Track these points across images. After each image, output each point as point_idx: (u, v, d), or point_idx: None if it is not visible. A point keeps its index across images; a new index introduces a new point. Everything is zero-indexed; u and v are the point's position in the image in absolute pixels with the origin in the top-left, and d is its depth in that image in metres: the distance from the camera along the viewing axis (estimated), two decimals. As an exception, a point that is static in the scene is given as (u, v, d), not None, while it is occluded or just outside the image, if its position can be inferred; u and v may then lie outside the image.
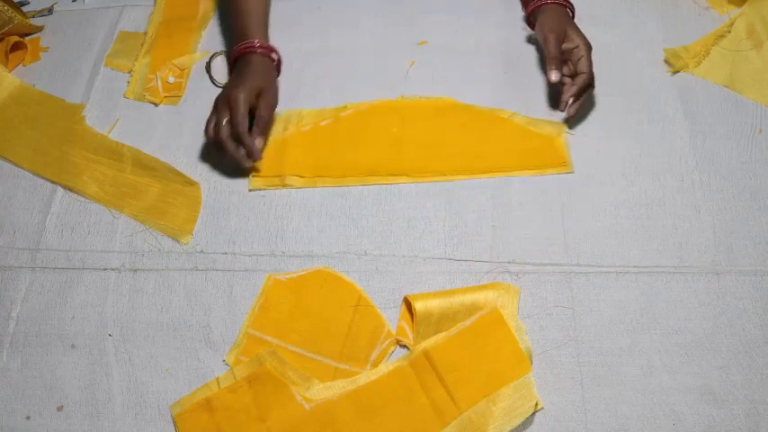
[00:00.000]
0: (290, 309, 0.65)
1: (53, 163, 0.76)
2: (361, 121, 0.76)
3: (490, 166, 0.72)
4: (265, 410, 0.59)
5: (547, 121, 0.74)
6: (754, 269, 0.65)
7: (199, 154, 0.75)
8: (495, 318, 0.61)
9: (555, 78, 0.72)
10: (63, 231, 0.71)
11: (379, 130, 0.75)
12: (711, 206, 0.68)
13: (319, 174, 0.72)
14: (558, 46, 0.72)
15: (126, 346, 0.64)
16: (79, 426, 0.61)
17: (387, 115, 0.76)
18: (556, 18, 0.75)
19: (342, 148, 0.74)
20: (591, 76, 0.72)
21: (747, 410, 0.58)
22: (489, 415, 0.56)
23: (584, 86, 0.71)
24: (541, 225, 0.68)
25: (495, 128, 0.74)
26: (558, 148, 0.72)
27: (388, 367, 0.60)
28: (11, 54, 0.85)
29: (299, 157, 0.73)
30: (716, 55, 0.79)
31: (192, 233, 0.70)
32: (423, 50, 0.82)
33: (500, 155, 0.72)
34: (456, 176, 0.71)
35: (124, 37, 0.87)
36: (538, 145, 0.73)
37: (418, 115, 0.76)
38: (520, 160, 0.72)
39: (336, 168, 0.72)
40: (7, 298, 0.67)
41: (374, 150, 0.73)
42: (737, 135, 0.73)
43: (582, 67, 0.71)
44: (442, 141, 0.73)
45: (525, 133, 0.74)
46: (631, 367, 0.60)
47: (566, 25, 0.74)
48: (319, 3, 0.88)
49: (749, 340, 0.61)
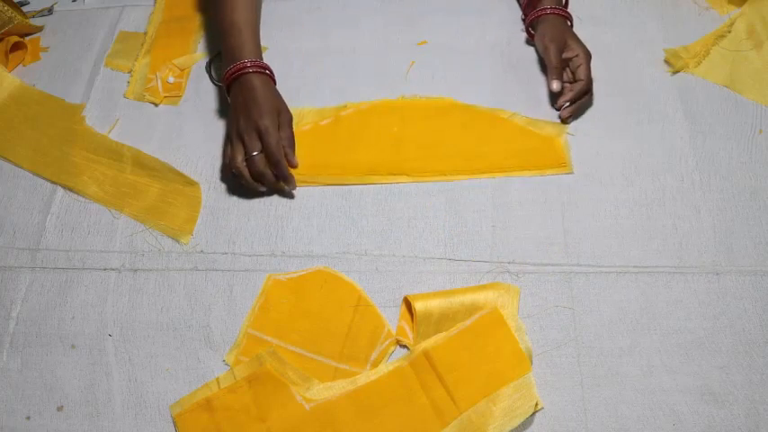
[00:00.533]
0: (290, 309, 0.65)
1: (53, 163, 0.76)
2: (361, 121, 0.76)
3: (490, 166, 0.72)
4: (265, 410, 0.59)
5: (547, 122, 0.74)
6: (754, 269, 0.65)
7: (199, 154, 0.75)
8: (495, 318, 0.61)
9: (556, 88, 0.74)
10: (63, 231, 0.71)
11: (380, 130, 0.75)
12: (711, 206, 0.68)
13: (319, 172, 0.72)
14: (558, 55, 0.74)
15: (126, 346, 0.64)
16: (79, 426, 0.61)
17: (387, 115, 0.76)
18: (555, 27, 0.76)
19: (342, 147, 0.74)
20: (588, 83, 0.74)
21: (747, 410, 0.58)
22: (489, 415, 0.56)
23: (580, 93, 0.74)
24: (541, 225, 0.68)
25: (495, 128, 0.74)
26: (558, 148, 0.72)
27: (388, 367, 0.60)
28: (11, 54, 0.85)
29: (299, 158, 0.72)
30: (716, 55, 0.79)
31: (192, 233, 0.70)
32: (423, 50, 0.82)
33: (500, 155, 0.72)
34: (456, 176, 0.71)
35: (124, 37, 0.87)
36: (538, 145, 0.73)
37: (418, 115, 0.76)
38: (520, 160, 0.72)
39: (336, 167, 0.72)
40: (7, 298, 0.67)
41: (374, 149, 0.73)
42: (737, 135, 0.73)
43: (580, 75, 0.74)
44: (442, 141, 0.74)
45: (525, 133, 0.74)
46: (631, 367, 0.60)
47: (565, 34, 0.76)
48: (319, 3, 0.88)
49: (749, 340, 0.61)
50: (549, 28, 0.76)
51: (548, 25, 0.77)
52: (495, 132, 0.74)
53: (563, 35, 0.75)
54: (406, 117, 0.76)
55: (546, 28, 0.77)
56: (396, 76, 0.80)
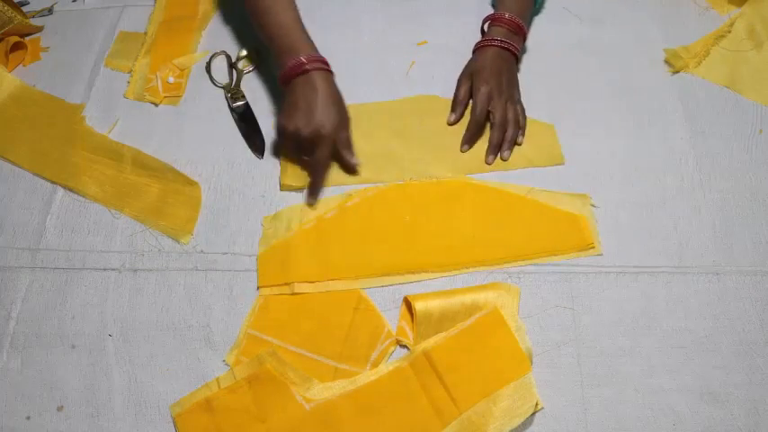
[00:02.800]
0: (290, 309, 0.65)
1: (53, 163, 0.76)
2: (369, 211, 0.69)
3: (512, 254, 0.66)
4: (265, 411, 0.59)
5: (567, 194, 0.69)
6: (754, 269, 0.65)
7: (199, 154, 0.75)
8: (495, 318, 0.61)
9: (451, 120, 0.75)
10: (63, 231, 0.71)
11: (390, 221, 0.69)
12: (711, 206, 0.68)
13: (330, 276, 0.65)
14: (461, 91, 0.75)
15: (126, 346, 0.64)
16: (79, 426, 0.61)
17: (396, 202, 0.70)
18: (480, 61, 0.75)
19: (351, 244, 0.67)
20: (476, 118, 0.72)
21: (747, 410, 0.58)
22: (489, 415, 0.56)
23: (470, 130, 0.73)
24: (541, 225, 0.68)
25: (514, 210, 0.68)
26: (584, 228, 0.67)
27: (388, 367, 0.60)
28: (11, 54, 0.85)
29: (305, 260, 0.66)
30: (716, 55, 0.79)
31: (192, 233, 0.70)
32: (423, 50, 0.83)
33: (522, 240, 0.66)
34: (477, 268, 0.66)
35: (124, 37, 0.87)
36: (561, 226, 0.67)
37: (429, 200, 0.69)
38: (543, 244, 0.66)
39: (348, 269, 0.66)
40: (7, 298, 0.67)
41: (387, 245, 0.67)
42: (737, 135, 0.73)
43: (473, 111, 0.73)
44: (459, 229, 0.67)
45: (546, 213, 0.68)
46: (631, 367, 0.60)
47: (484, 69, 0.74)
48: (319, 3, 0.88)
49: (749, 340, 0.61)
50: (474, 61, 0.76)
51: (476, 57, 0.76)
52: (514, 215, 0.68)
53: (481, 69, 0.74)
54: (417, 203, 0.69)
55: (472, 59, 0.77)
56: (396, 76, 0.80)
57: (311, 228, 0.69)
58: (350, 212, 0.69)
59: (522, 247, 0.66)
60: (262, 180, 0.73)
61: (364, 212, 0.69)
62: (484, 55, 0.75)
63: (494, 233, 0.67)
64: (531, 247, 0.66)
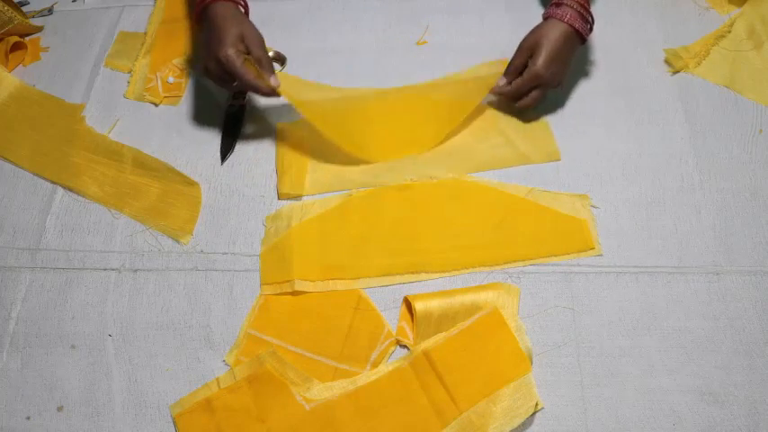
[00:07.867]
0: (290, 309, 0.65)
1: (53, 163, 0.76)
2: (368, 211, 0.69)
3: (513, 255, 0.66)
4: (265, 411, 0.59)
5: (568, 195, 0.69)
6: (754, 269, 0.65)
7: (199, 154, 0.75)
8: (495, 318, 0.61)
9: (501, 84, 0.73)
10: (63, 231, 0.71)
11: (391, 222, 0.68)
12: (711, 206, 0.68)
13: (331, 275, 0.66)
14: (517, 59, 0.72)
15: (126, 346, 0.64)
16: (79, 426, 0.61)
17: (396, 203, 0.69)
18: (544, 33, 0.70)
19: (351, 244, 0.67)
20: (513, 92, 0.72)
21: (747, 410, 0.58)
22: (489, 415, 0.56)
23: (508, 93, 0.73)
24: (541, 225, 0.68)
25: (515, 210, 0.68)
26: (585, 229, 0.67)
27: (388, 367, 0.60)
28: (11, 54, 0.85)
29: (306, 259, 0.66)
30: (716, 55, 0.79)
31: (192, 233, 0.70)
32: (423, 50, 0.83)
33: (523, 241, 0.67)
34: (478, 269, 0.66)
35: (124, 37, 0.87)
36: (561, 227, 0.67)
37: (429, 200, 0.69)
38: (544, 246, 0.66)
39: (348, 270, 0.66)
40: (7, 298, 0.67)
41: (387, 245, 0.67)
42: (737, 135, 0.73)
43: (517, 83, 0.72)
44: (459, 230, 0.67)
45: (546, 214, 0.68)
46: (631, 367, 0.60)
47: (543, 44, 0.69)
48: (319, 3, 0.88)
49: (749, 340, 0.61)
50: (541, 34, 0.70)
51: (545, 29, 0.70)
52: (514, 216, 0.68)
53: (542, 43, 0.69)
54: (417, 204, 0.69)
55: (535, 29, 0.71)
56: (396, 76, 0.80)
57: (312, 228, 0.69)
58: (350, 213, 0.69)
59: (522, 248, 0.66)
60: (262, 180, 0.73)
61: (365, 213, 0.69)
62: (553, 31, 0.69)
63: (494, 234, 0.67)
64: (532, 248, 0.66)
